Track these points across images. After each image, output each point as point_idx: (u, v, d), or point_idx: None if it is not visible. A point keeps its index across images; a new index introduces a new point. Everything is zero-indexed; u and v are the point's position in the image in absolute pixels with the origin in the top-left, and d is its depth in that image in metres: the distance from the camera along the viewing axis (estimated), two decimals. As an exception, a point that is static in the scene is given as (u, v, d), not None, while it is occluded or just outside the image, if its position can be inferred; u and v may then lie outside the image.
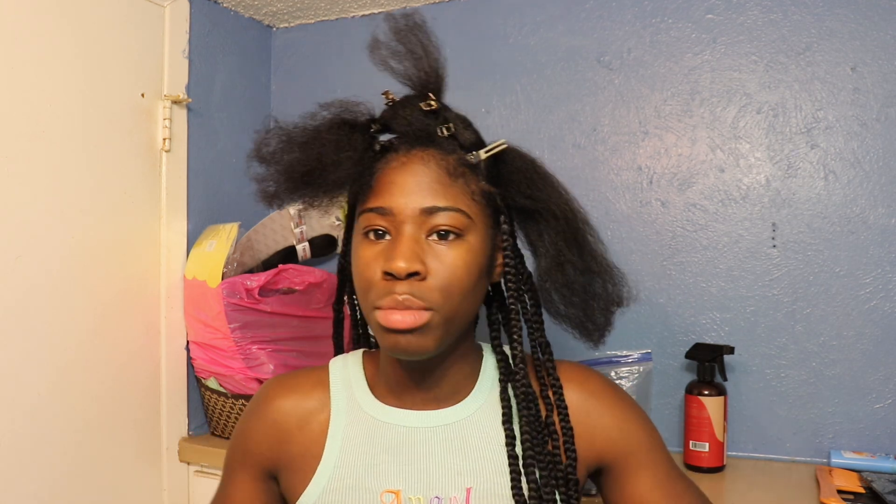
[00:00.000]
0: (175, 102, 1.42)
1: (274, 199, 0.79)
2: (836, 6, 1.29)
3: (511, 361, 0.80)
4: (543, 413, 0.79)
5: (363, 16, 1.66)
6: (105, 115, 1.29)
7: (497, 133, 1.52)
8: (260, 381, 1.34)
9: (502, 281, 0.81)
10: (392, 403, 0.81)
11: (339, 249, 1.62)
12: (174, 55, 1.43)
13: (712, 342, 1.35)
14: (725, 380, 1.27)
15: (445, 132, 0.74)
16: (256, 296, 1.33)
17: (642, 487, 0.79)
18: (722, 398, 1.25)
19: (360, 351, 0.89)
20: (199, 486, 1.42)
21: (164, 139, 1.40)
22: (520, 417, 0.77)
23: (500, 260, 0.80)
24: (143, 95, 1.36)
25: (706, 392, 1.25)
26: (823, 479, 1.14)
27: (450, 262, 0.71)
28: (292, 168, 0.76)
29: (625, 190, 1.43)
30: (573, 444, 0.78)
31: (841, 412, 1.28)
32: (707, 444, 1.23)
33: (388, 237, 0.72)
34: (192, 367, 1.44)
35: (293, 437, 0.81)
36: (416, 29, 0.76)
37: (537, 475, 0.75)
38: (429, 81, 0.76)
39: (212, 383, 1.40)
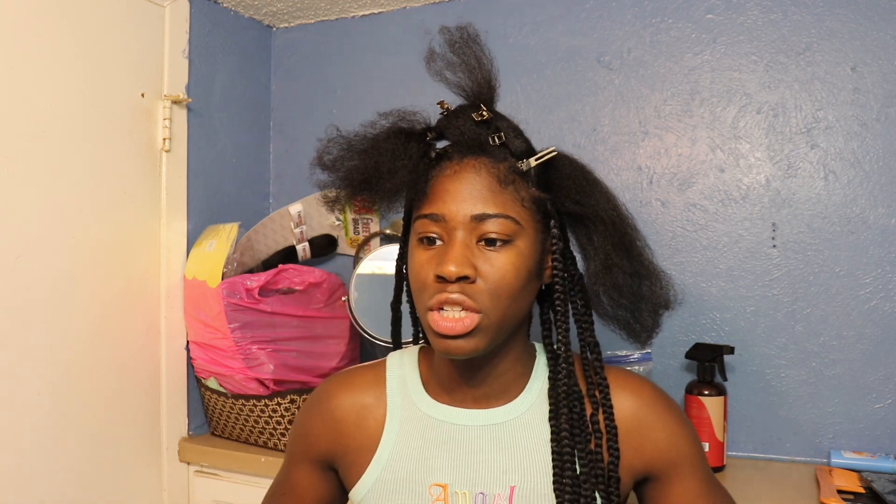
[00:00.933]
0: (175, 102, 1.42)
1: (336, 204, 0.84)
2: (836, 6, 1.29)
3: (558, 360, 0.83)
4: (589, 411, 0.81)
5: (363, 16, 1.66)
6: (105, 115, 1.29)
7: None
8: (260, 381, 1.34)
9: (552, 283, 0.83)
10: (445, 401, 0.83)
11: (340, 249, 1.62)
12: (174, 55, 1.43)
13: (712, 342, 1.35)
14: (725, 380, 1.27)
15: (497, 141, 0.77)
16: (256, 296, 1.33)
17: (687, 497, 0.81)
18: (722, 398, 1.25)
19: (417, 347, 0.91)
20: (199, 486, 1.42)
21: (164, 139, 1.40)
22: (560, 414, 0.79)
23: (550, 262, 0.81)
24: (143, 95, 1.36)
25: (706, 392, 1.25)
26: (823, 479, 1.14)
27: (499, 266, 0.74)
28: (351, 175, 0.80)
29: (625, 190, 1.43)
30: (616, 442, 0.80)
31: (841, 412, 1.28)
32: (707, 444, 1.23)
33: (440, 242, 0.76)
34: (192, 367, 1.44)
35: (350, 432, 0.85)
36: (470, 41, 0.80)
37: (577, 470, 0.77)
38: (481, 92, 0.79)
39: (212, 383, 1.40)
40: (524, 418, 0.81)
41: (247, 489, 1.34)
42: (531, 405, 0.82)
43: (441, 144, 0.81)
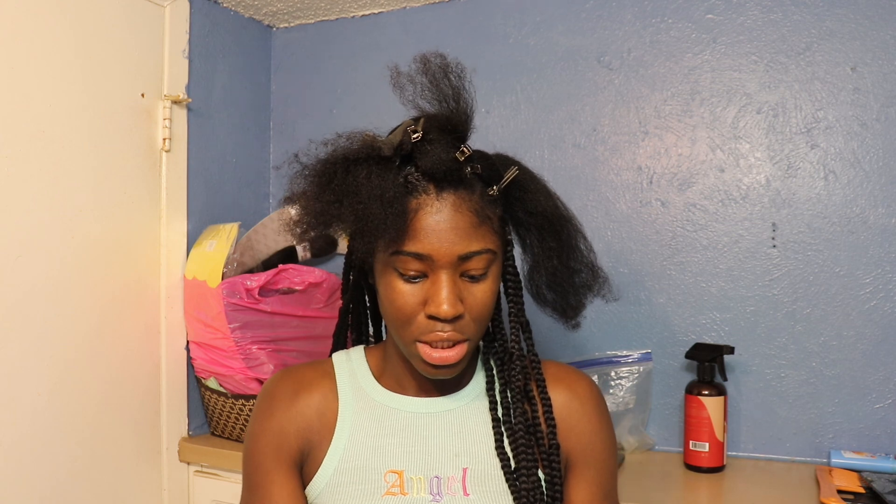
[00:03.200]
0: (175, 102, 1.42)
1: (304, 237, 0.81)
2: (836, 6, 1.29)
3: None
4: (522, 383, 0.85)
5: (363, 16, 1.66)
6: (105, 115, 1.29)
7: (497, 133, 1.52)
8: (260, 382, 1.34)
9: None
10: (398, 391, 0.86)
11: (340, 249, 1.62)
12: (174, 55, 1.43)
13: (712, 342, 1.35)
14: (725, 380, 1.27)
15: (470, 171, 0.77)
16: (256, 296, 1.33)
17: (580, 497, 0.84)
18: (722, 398, 1.25)
19: (361, 346, 0.94)
20: (199, 486, 1.42)
21: (164, 139, 1.40)
22: (493, 385, 0.84)
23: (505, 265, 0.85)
24: (143, 95, 1.36)
25: (706, 392, 1.25)
26: (823, 479, 1.14)
27: (481, 297, 0.77)
28: (330, 216, 0.75)
29: (625, 190, 1.43)
30: (551, 411, 0.84)
31: (841, 412, 1.28)
32: (707, 444, 1.23)
33: (423, 277, 0.76)
34: (192, 367, 1.44)
35: (313, 426, 0.85)
36: (448, 71, 0.79)
37: (514, 432, 0.82)
38: (458, 124, 0.78)
39: (212, 383, 1.40)
40: (474, 404, 0.85)
41: (247, 489, 1.34)
42: (480, 391, 0.86)
43: (410, 169, 0.77)
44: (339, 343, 0.98)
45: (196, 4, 1.48)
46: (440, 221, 0.74)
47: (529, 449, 0.81)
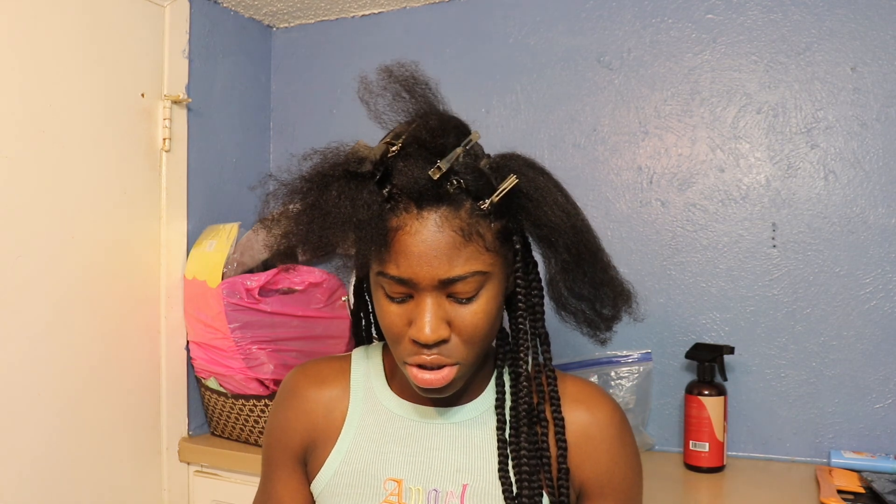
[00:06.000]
0: (175, 102, 1.42)
1: (287, 259, 0.78)
2: (836, 6, 1.29)
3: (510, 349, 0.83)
4: (535, 401, 0.80)
5: (363, 16, 1.66)
6: (105, 115, 1.29)
7: (497, 133, 1.52)
8: (260, 381, 1.34)
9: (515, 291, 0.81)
10: (406, 397, 0.84)
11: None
12: (174, 55, 1.43)
13: (712, 342, 1.35)
14: (725, 380, 1.27)
15: (453, 186, 0.71)
16: (256, 296, 1.33)
17: None
18: (722, 398, 1.25)
19: (381, 344, 0.92)
20: (199, 486, 1.42)
21: (164, 139, 1.40)
22: (503, 401, 0.80)
23: (513, 277, 0.80)
24: (143, 95, 1.36)
25: (706, 392, 1.25)
26: (823, 479, 1.14)
27: (470, 320, 0.72)
28: (308, 237, 0.73)
29: (625, 190, 1.43)
30: (564, 433, 0.79)
31: (841, 412, 1.28)
32: (707, 444, 1.23)
33: (410, 298, 0.73)
34: (192, 367, 1.44)
35: (319, 424, 0.85)
36: (416, 84, 0.75)
37: (520, 456, 0.77)
38: (434, 138, 0.72)
39: (212, 383, 1.40)
40: (481, 419, 0.82)
41: (247, 489, 1.34)
42: (489, 407, 0.82)
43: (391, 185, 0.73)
44: (360, 341, 0.96)
45: (196, 4, 1.48)
46: (419, 243, 0.69)
47: (534, 475, 0.77)
